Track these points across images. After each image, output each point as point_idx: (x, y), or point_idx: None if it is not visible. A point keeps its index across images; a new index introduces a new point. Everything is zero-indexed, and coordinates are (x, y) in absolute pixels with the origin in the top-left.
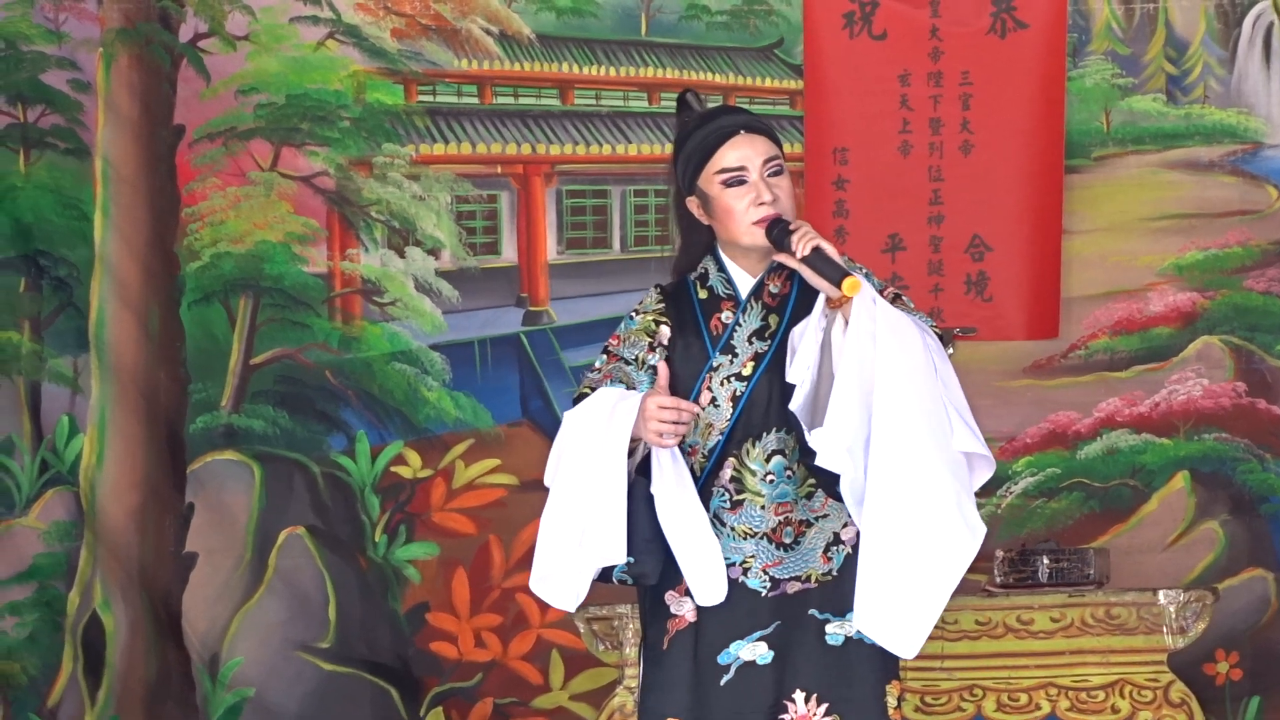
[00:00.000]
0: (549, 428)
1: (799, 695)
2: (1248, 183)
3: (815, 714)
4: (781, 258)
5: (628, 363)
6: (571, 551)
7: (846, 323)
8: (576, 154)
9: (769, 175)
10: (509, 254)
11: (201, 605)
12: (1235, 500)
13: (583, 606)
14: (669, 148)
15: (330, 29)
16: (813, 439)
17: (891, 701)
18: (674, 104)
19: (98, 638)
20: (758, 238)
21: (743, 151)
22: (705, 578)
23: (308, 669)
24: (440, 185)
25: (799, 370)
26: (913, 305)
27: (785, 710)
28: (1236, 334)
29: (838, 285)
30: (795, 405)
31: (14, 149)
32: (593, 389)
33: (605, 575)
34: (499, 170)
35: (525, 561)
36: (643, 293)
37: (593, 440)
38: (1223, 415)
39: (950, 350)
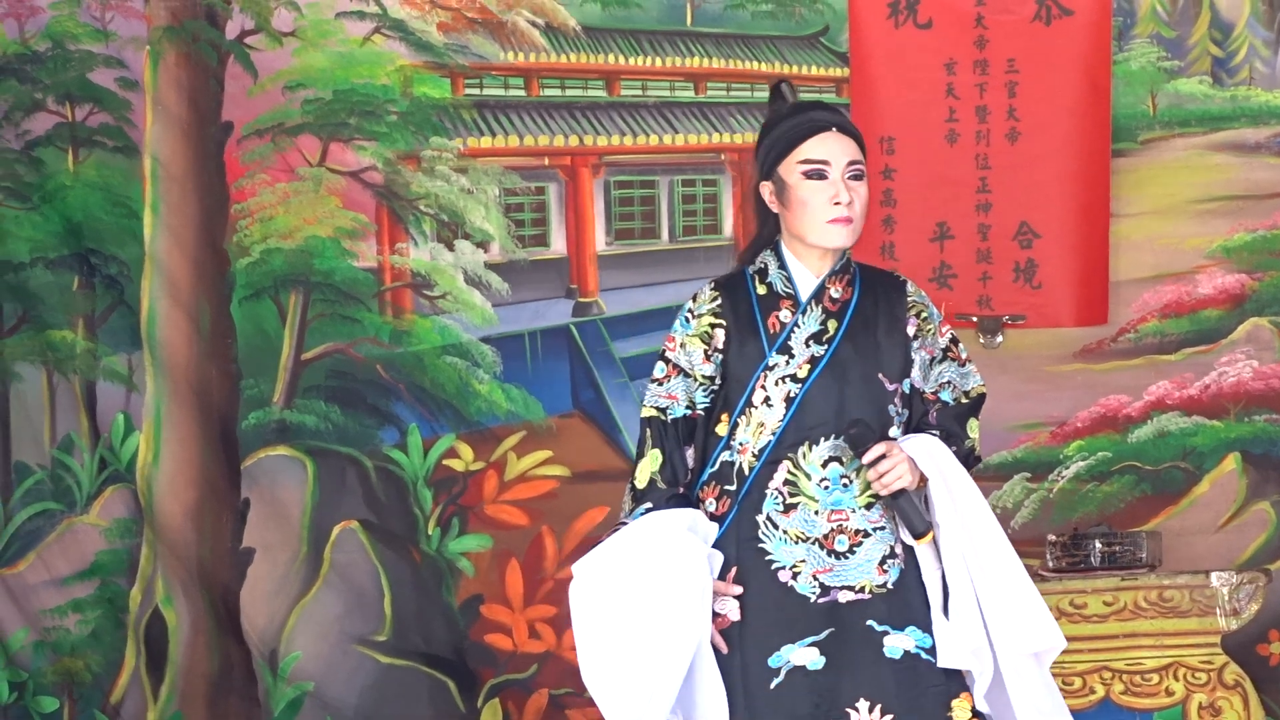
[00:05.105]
0: (600, 418)
1: (863, 704)
2: None
3: None
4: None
5: (686, 375)
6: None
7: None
8: (624, 145)
9: (849, 178)
10: (558, 246)
11: (259, 600)
12: None
13: None
14: (716, 137)
15: (376, 24)
16: (938, 631)
17: (960, 716)
18: (721, 93)
19: (160, 634)
20: (826, 237)
21: (829, 148)
22: (649, 695)
23: (365, 662)
24: (488, 178)
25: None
26: (965, 353)
27: (848, 719)
28: None
29: (914, 535)
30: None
31: (63, 148)
32: (660, 410)
33: None
34: (546, 162)
35: (578, 552)
36: (693, 284)
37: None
38: (1273, 396)
39: (999, 339)
